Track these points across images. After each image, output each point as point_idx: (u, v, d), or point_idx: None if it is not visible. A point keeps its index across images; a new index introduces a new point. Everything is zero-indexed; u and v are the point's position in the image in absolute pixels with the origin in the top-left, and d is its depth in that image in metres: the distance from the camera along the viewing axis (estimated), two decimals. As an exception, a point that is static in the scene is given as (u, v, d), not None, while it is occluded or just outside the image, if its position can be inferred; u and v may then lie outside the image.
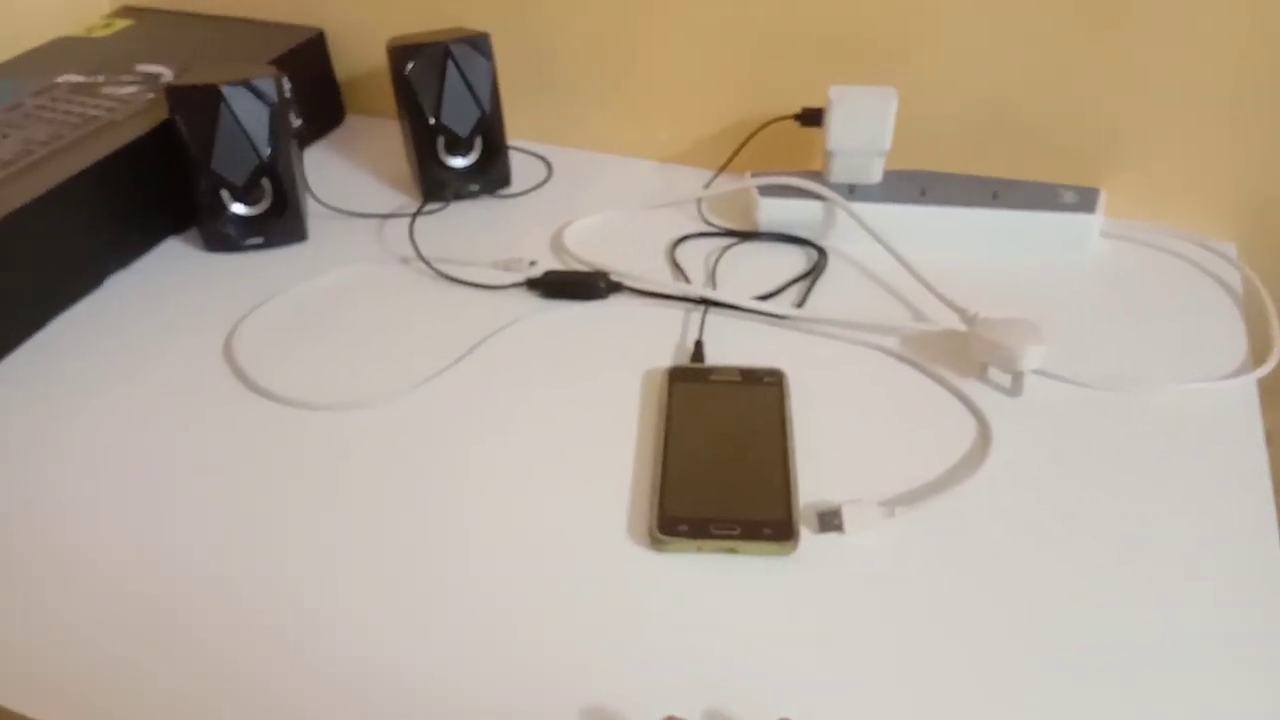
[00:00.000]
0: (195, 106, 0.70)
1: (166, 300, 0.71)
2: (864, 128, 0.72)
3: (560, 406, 0.61)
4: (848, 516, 0.52)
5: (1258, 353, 0.64)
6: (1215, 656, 0.46)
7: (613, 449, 0.58)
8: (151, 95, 0.79)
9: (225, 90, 0.70)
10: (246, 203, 0.75)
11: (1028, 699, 0.45)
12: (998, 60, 0.73)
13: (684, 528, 0.52)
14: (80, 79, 0.83)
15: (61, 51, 0.88)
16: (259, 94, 0.71)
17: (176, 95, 0.70)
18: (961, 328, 0.63)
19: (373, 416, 0.61)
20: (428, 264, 0.74)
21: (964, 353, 0.63)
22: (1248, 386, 0.61)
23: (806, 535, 0.52)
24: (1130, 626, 0.48)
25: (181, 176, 0.73)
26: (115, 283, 0.73)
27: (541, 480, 0.56)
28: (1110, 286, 0.70)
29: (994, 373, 0.62)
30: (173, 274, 0.74)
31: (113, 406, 0.62)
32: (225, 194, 0.74)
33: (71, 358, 0.66)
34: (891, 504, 0.53)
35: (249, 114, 0.71)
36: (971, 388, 0.61)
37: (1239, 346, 0.64)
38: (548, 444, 0.59)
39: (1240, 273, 0.71)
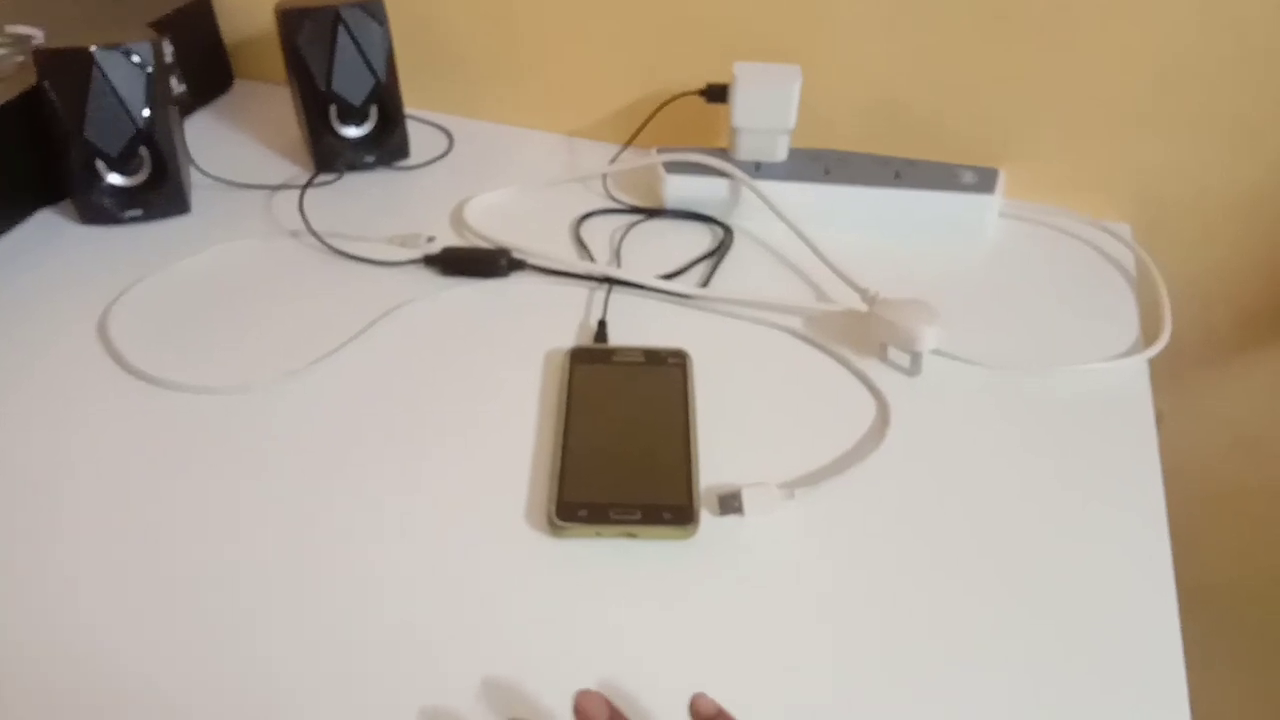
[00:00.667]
0: (65, 71, 0.66)
1: (38, 276, 0.67)
2: (769, 105, 0.71)
3: (458, 388, 0.59)
4: (747, 499, 0.51)
5: (1149, 333, 0.65)
6: (1110, 627, 0.47)
7: (512, 432, 0.57)
8: (21, 59, 0.74)
9: (97, 54, 0.66)
10: (123, 173, 0.71)
11: (926, 676, 0.45)
12: (899, 45, 0.73)
13: (583, 513, 0.51)
14: (-59, 39, 0.77)
15: (-80, 8, 0.82)
16: (134, 58, 0.67)
17: (45, 59, 0.66)
18: (862, 308, 0.63)
19: (259, 400, 0.58)
20: (319, 238, 0.71)
21: (864, 333, 0.63)
22: (1139, 366, 0.62)
23: (707, 518, 0.51)
24: (1025, 602, 0.48)
25: (54, 145, 0.68)
26: (-20, 257, 0.69)
27: (437, 464, 0.54)
28: (1008, 266, 0.71)
29: (894, 353, 0.62)
30: (45, 248, 0.70)
31: (-26, 390, 0.58)
32: (100, 164, 0.70)
33: (-71, 338, 0.62)
34: (791, 486, 0.53)
35: (124, 79, 0.67)
36: (872, 368, 0.61)
37: (1131, 327, 0.66)
38: (444, 427, 0.57)
39: (1134, 254, 0.73)
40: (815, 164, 0.74)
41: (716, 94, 0.75)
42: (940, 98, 0.75)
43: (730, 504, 0.52)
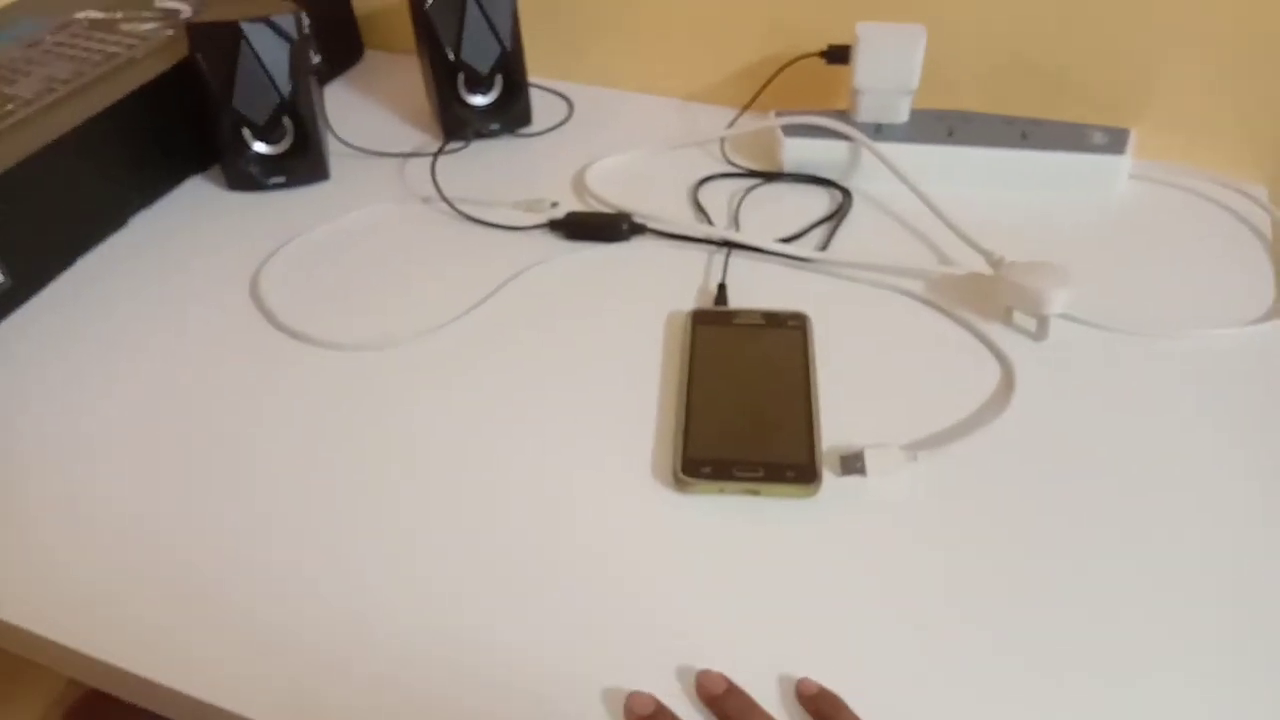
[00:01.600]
0: (216, 44, 0.70)
1: (192, 240, 0.71)
2: (891, 66, 0.71)
3: (583, 348, 0.61)
4: (870, 460, 0.52)
5: (1286, 298, 0.63)
6: (1234, 600, 0.47)
7: (636, 391, 0.58)
8: (171, 32, 0.79)
9: (245, 27, 0.69)
10: (268, 141, 0.75)
11: (1045, 643, 0.45)
12: (1026, 1, 0.72)
13: (707, 469, 0.52)
14: (99, 15, 0.82)
15: (78, -14, 0.88)
16: (279, 30, 0.70)
17: (197, 32, 0.69)
18: (987, 271, 0.63)
19: (396, 357, 0.61)
20: (450, 204, 0.73)
21: (989, 296, 0.63)
22: (1274, 332, 0.61)
23: (829, 478, 0.52)
24: (1152, 572, 0.48)
25: (203, 115, 0.72)
26: (140, 222, 0.73)
27: (565, 421, 0.57)
28: (1138, 229, 0.69)
29: (1019, 316, 0.61)
30: (197, 213, 0.74)
31: (141, 345, 0.62)
32: (247, 132, 0.73)
33: (99, 298, 0.66)
34: (914, 448, 0.53)
35: (269, 51, 0.70)
36: (996, 331, 0.61)
37: (1266, 291, 0.64)
38: (571, 386, 0.59)
39: (1270, 216, 0.70)
40: (938, 125, 0.73)
41: (837, 55, 0.75)
42: (1069, 56, 0.73)
43: (852, 464, 0.53)
